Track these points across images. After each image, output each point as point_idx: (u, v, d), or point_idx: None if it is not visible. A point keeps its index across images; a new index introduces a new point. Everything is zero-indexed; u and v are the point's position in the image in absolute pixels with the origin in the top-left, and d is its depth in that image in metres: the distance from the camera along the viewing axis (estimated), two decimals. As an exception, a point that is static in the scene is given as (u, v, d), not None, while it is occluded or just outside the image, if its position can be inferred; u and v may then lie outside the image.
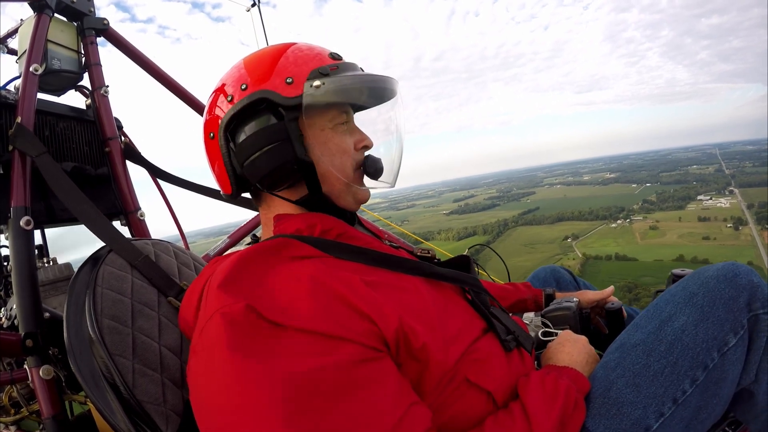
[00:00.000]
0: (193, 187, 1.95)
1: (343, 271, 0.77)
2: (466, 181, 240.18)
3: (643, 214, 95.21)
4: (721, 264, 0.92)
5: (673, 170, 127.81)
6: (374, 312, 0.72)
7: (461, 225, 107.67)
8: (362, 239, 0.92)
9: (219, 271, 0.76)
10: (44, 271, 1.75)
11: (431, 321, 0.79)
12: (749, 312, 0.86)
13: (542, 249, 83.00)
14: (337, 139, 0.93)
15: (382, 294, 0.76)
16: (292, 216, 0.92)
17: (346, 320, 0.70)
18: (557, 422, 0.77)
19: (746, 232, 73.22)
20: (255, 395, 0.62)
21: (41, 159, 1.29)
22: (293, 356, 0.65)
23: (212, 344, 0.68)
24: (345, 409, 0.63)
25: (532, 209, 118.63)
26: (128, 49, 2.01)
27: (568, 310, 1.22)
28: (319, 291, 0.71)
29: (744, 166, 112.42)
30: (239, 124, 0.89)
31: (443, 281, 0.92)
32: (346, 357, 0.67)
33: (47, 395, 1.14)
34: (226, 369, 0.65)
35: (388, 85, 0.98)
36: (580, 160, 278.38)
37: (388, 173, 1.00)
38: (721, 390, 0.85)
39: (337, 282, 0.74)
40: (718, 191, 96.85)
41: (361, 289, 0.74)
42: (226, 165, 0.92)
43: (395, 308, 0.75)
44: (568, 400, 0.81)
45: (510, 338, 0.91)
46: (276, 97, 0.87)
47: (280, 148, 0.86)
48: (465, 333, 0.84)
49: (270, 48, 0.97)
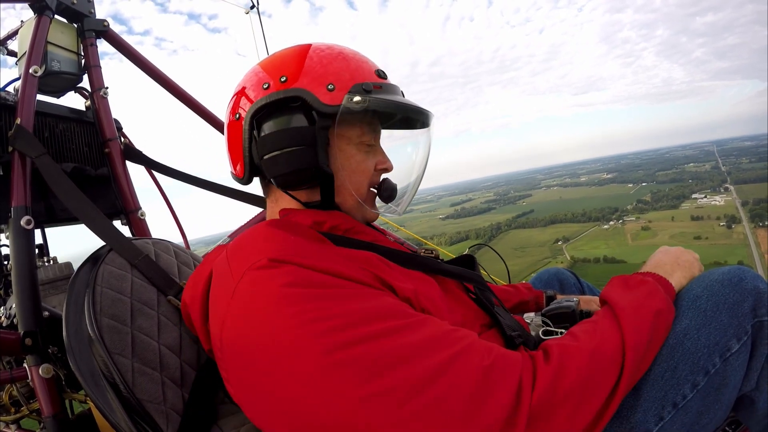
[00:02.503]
0: (194, 181, 1.93)
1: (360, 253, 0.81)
2: (465, 185, 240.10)
3: (636, 215, 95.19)
4: (727, 268, 0.90)
5: (670, 169, 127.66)
6: (394, 281, 0.76)
7: (455, 230, 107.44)
8: (370, 234, 0.93)
9: (232, 245, 0.78)
10: (44, 270, 1.75)
11: (440, 310, 0.80)
12: (754, 318, 0.84)
13: (532, 252, 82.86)
14: (359, 156, 0.94)
15: (397, 273, 0.80)
16: (299, 211, 0.92)
17: (373, 280, 0.74)
18: (644, 312, 0.78)
19: (739, 231, 73.02)
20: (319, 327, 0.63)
21: (41, 160, 1.30)
22: (340, 296, 0.67)
23: (253, 297, 0.68)
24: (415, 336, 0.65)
25: (527, 212, 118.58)
26: (128, 51, 2.01)
27: (568, 308, 1.22)
28: (341, 255, 0.75)
29: (741, 163, 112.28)
30: (268, 115, 0.88)
31: (450, 278, 0.93)
32: (392, 299, 0.71)
33: (47, 394, 1.14)
34: (275, 309, 0.66)
35: (423, 118, 0.99)
36: (578, 162, 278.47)
37: (399, 201, 1.01)
38: (723, 396, 0.84)
39: (359, 254, 0.78)
40: (714, 189, 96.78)
41: (381, 265, 0.78)
42: (245, 151, 0.91)
43: (411, 286, 0.78)
44: (653, 293, 0.83)
45: (516, 334, 0.92)
46: (313, 100, 0.86)
47: (304, 152, 0.86)
48: (468, 326, 0.85)
49: (322, 46, 0.95)
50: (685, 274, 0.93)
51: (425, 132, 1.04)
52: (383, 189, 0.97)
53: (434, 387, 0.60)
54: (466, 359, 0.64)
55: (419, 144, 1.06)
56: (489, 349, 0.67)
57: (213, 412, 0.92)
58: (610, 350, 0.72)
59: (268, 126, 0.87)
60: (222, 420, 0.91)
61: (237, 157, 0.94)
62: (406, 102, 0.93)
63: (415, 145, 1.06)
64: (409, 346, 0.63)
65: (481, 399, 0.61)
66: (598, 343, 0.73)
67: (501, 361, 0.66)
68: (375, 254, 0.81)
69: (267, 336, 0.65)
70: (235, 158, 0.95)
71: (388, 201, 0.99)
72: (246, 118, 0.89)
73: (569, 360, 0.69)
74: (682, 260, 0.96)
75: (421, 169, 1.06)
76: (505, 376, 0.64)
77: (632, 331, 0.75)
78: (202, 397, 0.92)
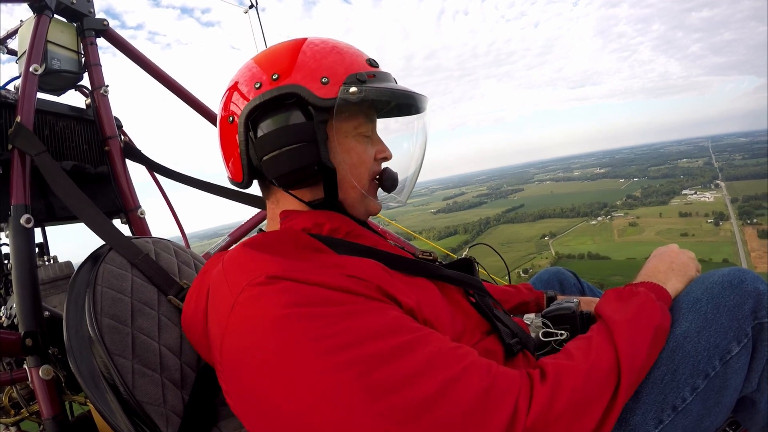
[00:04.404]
0: (193, 182, 1.93)
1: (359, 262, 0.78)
2: (458, 179, 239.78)
3: (625, 210, 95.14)
4: (727, 269, 0.90)
5: (663, 164, 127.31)
6: (397, 293, 0.74)
7: (444, 224, 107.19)
8: (370, 238, 0.92)
9: (228, 258, 0.76)
10: (44, 269, 1.74)
11: (442, 319, 0.80)
12: (754, 320, 0.84)
13: (518, 248, 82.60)
14: (359, 148, 0.92)
15: (399, 283, 0.77)
16: (299, 213, 0.90)
17: (374, 292, 0.71)
18: (637, 324, 0.78)
19: (726, 228, 72.95)
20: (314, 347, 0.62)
21: (40, 158, 1.29)
22: (341, 313, 0.65)
23: (253, 316, 0.67)
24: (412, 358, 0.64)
25: (517, 207, 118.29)
26: (127, 49, 2.01)
27: (568, 310, 1.21)
28: (339, 268, 0.73)
29: (733, 159, 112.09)
30: (263, 115, 0.85)
31: (449, 284, 0.92)
32: (395, 312, 0.69)
33: (47, 396, 1.13)
34: (276, 328, 0.64)
35: (419, 102, 0.97)
36: (573, 156, 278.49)
37: (401, 190, 1.00)
38: (723, 398, 0.84)
39: (360, 263, 0.75)
40: (704, 185, 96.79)
41: (384, 275, 0.76)
42: (242, 154, 0.88)
43: (414, 297, 0.76)
44: (645, 302, 0.83)
45: (515, 342, 0.91)
46: (308, 95, 0.84)
47: (305, 148, 0.84)
48: (467, 335, 0.85)
49: (316, 40, 0.94)
50: (681, 279, 0.94)
51: (422, 117, 1.03)
52: (385, 178, 0.96)
53: (436, 408, 0.61)
54: (466, 381, 0.64)
55: (417, 130, 1.04)
56: (488, 369, 0.67)
57: (213, 413, 0.91)
58: (605, 368, 0.73)
59: (265, 126, 0.85)
60: (222, 422, 0.90)
61: (234, 161, 0.91)
62: (401, 88, 0.92)
63: (412, 131, 1.05)
64: (412, 366, 0.63)
65: (480, 419, 0.62)
66: (593, 361, 0.73)
67: (500, 381, 0.66)
68: (377, 262, 0.79)
69: (269, 355, 0.64)
70: (232, 162, 0.92)
71: (390, 190, 0.97)
72: (240, 121, 0.87)
73: (565, 379, 0.69)
74: (678, 264, 0.96)
75: (420, 155, 1.04)
76: (503, 396, 0.65)
77: (626, 347, 0.75)
78: (202, 399, 0.92)
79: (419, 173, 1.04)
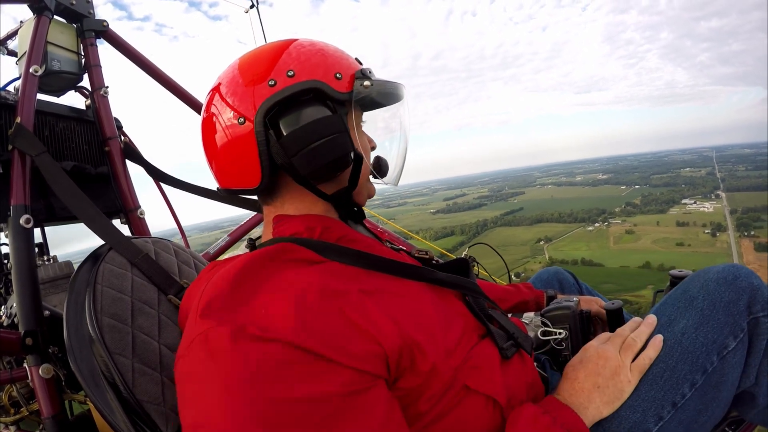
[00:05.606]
0: (190, 188, 1.93)
1: (340, 281, 0.73)
2: (461, 180, 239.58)
3: (623, 217, 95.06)
4: (722, 266, 0.92)
5: (666, 172, 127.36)
6: (375, 328, 0.68)
7: (441, 225, 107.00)
8: (363, 242, 0.90)
9: (209, 287, 0.72)
10: (44, 268, 1.74)
11: (433, 329, 0.77)
12: (749, 315, 0.86)
13: (513, 251, 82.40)
14: (365, 137, 0.97)
15: (383, 303, 0.73)
16: (291, 217, 0.89)
17: (342, 339, 0.65)
18: None
19: (723, 239, 72.81)
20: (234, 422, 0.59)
21: (40, 158, 1.30)
22: (277, 381, 0.60)
23: (205, 360, 0.63)
24: None
25: (515, 210, 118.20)
26: (127, 50, 2.01)
27: (567, 309, 1.22)
28: (311, 307, 0.66)
29: (737, 170, 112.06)
30: (283, 112, 0.82)
31: (444, 287, 0.90)
32: (337, 387, 0.62)
33: (47, 395, 1.13)
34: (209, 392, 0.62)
35: (402, 92, 1.00)
36: (577, 161, 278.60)
37: (392, 173, 1.01)
38: (721, 393, 0.85)
39: (333, 297, 0.69)
40: (705, 195, 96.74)
41: (360, 303, 0.70)
42: (262, 155, 0.83)
43: (397, 321, 0.72)
44: None
45: (509, 345, 0.89)
46: (329, 89, 0.85)
47: (340, 139, 0.83)
48: (464, 340, 0.82)
49: (305, 42, 0.94)
50: (607, 401, 0.85)
51: (403, 104, 1.04)
52: (382, 165, 0.99)
53: None
54: None
55: (404, 117, 1.06)
56: None
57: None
58: None
59: (289, 122, 0.82)
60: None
61: (247, 164, 0.85)
62: (396, 81, 0.97)
63: (399, 118, 1.06)
64: None
65: None
66: None
67: None
68: (356, 287, 0.74)
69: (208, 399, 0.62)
70: (243, 166, 0.86)
71: (383, 175, 0.99)
72: (257, 120, 0.82)
73: None
74: (604, 378, 0.87)
75: (405, 139, 1.05)
76: None
77: None
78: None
79: (406, 155, 1.06)
